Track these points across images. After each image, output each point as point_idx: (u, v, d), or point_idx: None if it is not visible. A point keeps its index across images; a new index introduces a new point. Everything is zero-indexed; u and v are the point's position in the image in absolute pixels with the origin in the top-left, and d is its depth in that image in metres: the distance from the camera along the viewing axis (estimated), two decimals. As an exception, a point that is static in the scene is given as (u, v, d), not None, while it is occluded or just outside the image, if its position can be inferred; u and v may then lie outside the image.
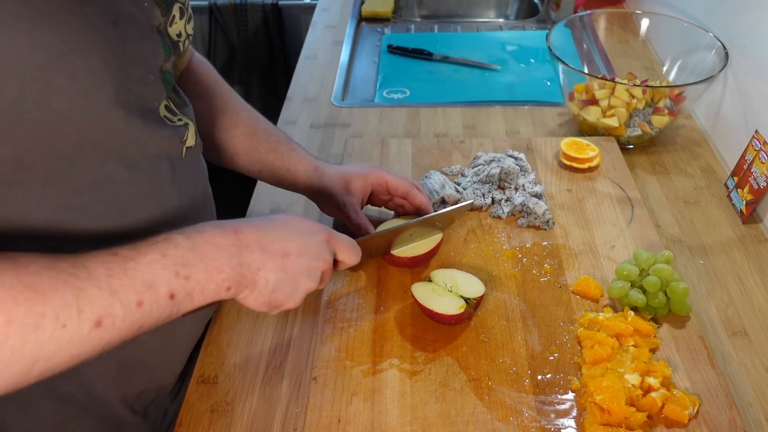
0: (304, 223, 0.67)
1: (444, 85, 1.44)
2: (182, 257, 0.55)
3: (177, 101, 0.71)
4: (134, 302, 0.52)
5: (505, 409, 0.70)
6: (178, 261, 0.55)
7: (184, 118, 0.70)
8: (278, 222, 0.65)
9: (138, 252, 0.54)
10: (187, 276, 0.55)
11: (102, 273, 0.51)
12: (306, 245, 0.65)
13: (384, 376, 0.74)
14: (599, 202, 1.00)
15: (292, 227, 0.65)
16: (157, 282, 0.53)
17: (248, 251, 0.60)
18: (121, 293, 0.51)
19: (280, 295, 0.63)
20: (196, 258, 0.56)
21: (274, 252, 0.62)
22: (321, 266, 0.66)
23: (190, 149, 0.71)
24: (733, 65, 1.13)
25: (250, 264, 0.60)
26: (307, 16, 2.00)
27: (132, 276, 0.52)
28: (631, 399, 0.69)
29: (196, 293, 0.56)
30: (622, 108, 1.14)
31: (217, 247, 0.58)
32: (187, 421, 0.74)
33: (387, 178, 0.88)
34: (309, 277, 0.65)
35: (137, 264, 0.53)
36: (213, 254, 0.58)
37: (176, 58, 0.68)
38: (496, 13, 1.90)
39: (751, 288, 0.90)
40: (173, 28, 0.66)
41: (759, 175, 0.98)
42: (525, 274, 0.87)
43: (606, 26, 1.52)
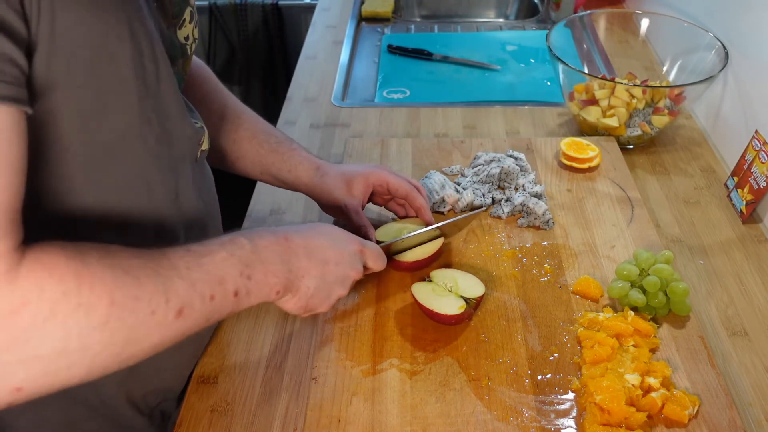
0: (341, 234, 0.71)
1: (444, 85, 1.44)
2: (247, 258, 0.59)
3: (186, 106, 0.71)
4: (208, 295, 0.55)
5: (505, 409, 0.70)
6: (243, 261, 0.58)
7: (200, 122, 0.71)
8: (319, 230, 0.69)
9: (209, 250, 0.57)
10: (249, 276, 0.59)
11: (183, 265, 0.53)
12: (342, 255, 0.69)
13: (384, 376, 0.74)
14: (599, 202, 1.00)
15: (331, 236, 0.69)
16: (226, 279, 0.57)
17: (297, 258, 0.64)
18: (198, 286, 0.54)
19: (316, 300, 0.67)
20: (257, 260, 0.60)
21: (317, 260, 0.66)
22: (354, 275, 0.71)
23: (204, 152, 0.72)
24: (733, 65, 1.13)
25: (297, 270, 0.64)
26: (307, 16, 2.00)
27: (207, 271, 0.55)
28: (631, 399, 0.69)
29: (254, 293, 0.60)
30: (622, 108, 1.14)
31: (274, 252, 0.62)
32: (187, 421, 0.74)
33: (388, 179, 0.88)
34: (342, 285, 0.70)
35: (211, 260, 0.56)
36: (271, 258, 0.62)
37: (184, 60, 0.68)
38: (496, 13, 1.90)
39: (751, 288, 0.90)
40: (182, 31, 0.67)
41: (759, 175, 0.98)
42: (525, 274, 0.87)
43: (606, 26, 1.52)
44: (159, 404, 0.78)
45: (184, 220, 0.69)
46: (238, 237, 0.60)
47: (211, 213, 0.76)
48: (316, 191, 0.88)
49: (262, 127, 0.89)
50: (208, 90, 0.86)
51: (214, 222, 0.79)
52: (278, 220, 1.03)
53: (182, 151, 0.66)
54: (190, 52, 0.70)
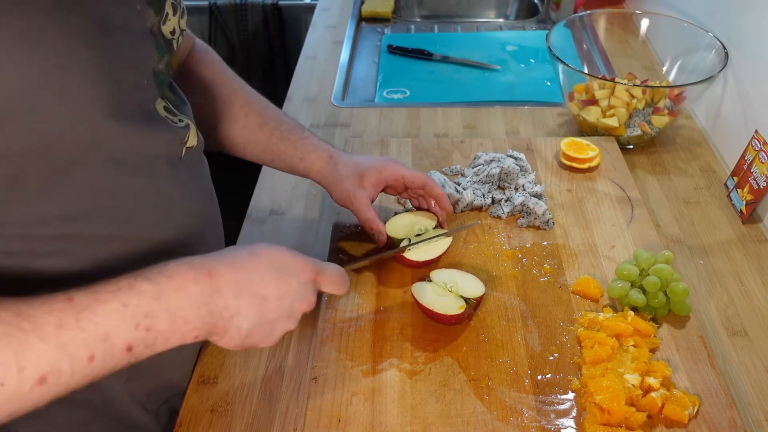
0: (290, 259, 0.61)
1: (444, 85, 1.44)
2: (146, 307, 0.51)
3: (174, 100, 0.70)
4: (85, 357, 0.48)
5: (505, 409, 0.70)
6: (140, 311, 0.51)
7: (185, 119, 0.69)
8: (261, 260, 0.60)
9: (96, 299, 0.50)
10: (148, 327, 0.51)
11: (50, 323, 0.47)
12: (288, 287, 0.60)
13: (384, 376, 0.74)
14: (599, 202, 1.00)
15: (276, 265, 0.60)
16: (113, 335, 0.49)
17: (220, 297, 0.56)
18: (70, 347, 0.47)
19: (254, 338, 0.59)
20: (161, 308, 0.52)
21: (251, 296, 0.57)
22: (303, 308, 0.62)
23: (190, 149, 0.70)
24: (733, 65, 1.13)
25: (221, 312, 0.56)
26: (307, 16, 2.01)
27: (85, 327, 0.48)
28: (631, 399, 0.69)
29: (158, 343, 0.53)
30: (622, 108, 1.14)
31: (187, 294, 0.54)
32: (187, 421, 0.74)
33: (403, 173, 0.86)
34: (288, 320, 0.61)
35: (92, 314, 0.49)
36: (181, 303, 0.53)
37: (170, 57, 0.67)
38: (496, 13, 1.90)
39: (751, 288, 0.90)
40: (167, 26, 0.65)
41: (759, 175, 0.98)
42: (525, 274, 0.87)
43: (606, 26, 1.52)
44: (166, 401, 0.78)
45: (170, 221, 0.67)
46: (139, 281, 0.52)
47: (205, 210, 0.75)
48: (328, 180, 0.86)
49: (272, 112, 0.87)
50: (213, 74, 0.85)
51: (210, 218, 0.77)
52: (278, 220, 1.03)
53: (158, 152, 0.64)
54: (176, 46, 0.68)
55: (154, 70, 0.63)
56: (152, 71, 0.62)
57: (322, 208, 1.05)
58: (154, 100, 0.63)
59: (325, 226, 1.01)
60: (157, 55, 0.63)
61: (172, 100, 0.69)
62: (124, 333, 0.50)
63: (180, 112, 0.69)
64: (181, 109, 0.70)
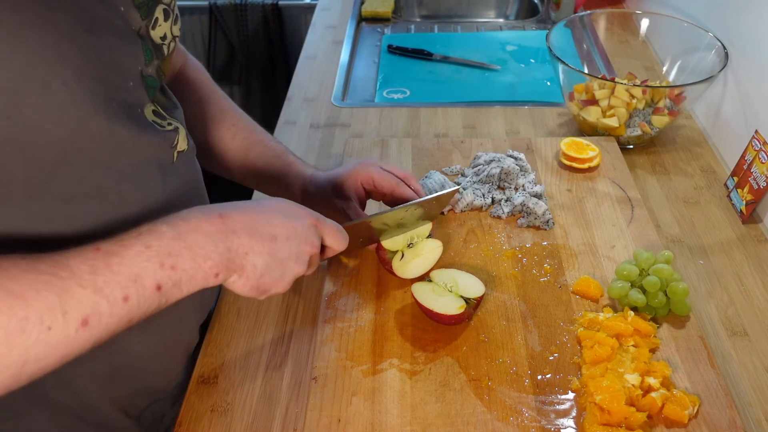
0: (293, 207, 0.66)
1: (444, 85, 1.44)
2: (167, 247, 0.54)
3: (166, 104, 0.69)
4: (120, 297, 0.51)
5: (505, 409, 0.70)
6: (163, 251, 0.54)
7: (174, 122, 0.69)
8: (266, 206, 0.64)
9: (122, 245, 0.53)
10: (173, 266, 0.54)
11: (85, 270, 0.50)
12: (294, 229, 0.64)
13: (384, 376, 0.74)
14: (599, 202, 1.00)
15: (281, 211, 0.64)
16: (142, 275, 0.53)
17: (235, 236, 0.59)
18: (106, 290, 0.50)
19: (268, 279, 0.62)
20: (181, 247, 0.55)
21: (261, 236, 0.61)
22: (309, 250, 0.65)
23: (182, 153, 0.70)
24: (733, 65, 1.13)
25: (237, 249, 0.59)
26: (307, 16, 2.01)
27: (116, 271, 0.51)
28: (631, 399, 0.69)
29: (183, 282, 0.56)
30: (622, 108, 1.14)
31: (204, 233, 0.57)
32: (187, 421, 0.74)
33: (374, 176, 0.85)
34: (297, 261, 0.64)
35: (121, 258, 0.52)
36: (199, 241, 0.57)
37: (160, 61, 0.66)
38: (496, 13, 1.90)
39: (751, 288, 0.90)
40: (156, 31, 0.65)
41: (759, 175, 0.98)
42: (525, 274, 0.87)
43: (606, 26, 1.52)
44: (149, 406, 0.78)
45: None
46: (157, 225, 0.56)
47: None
48: (310, 199, 0.87)
49: (258, 136, 0.89)
50: (204, 94, 0.87)
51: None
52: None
53: (147, 156, 0.64)
54: (167, 51, 0.68)
55: (142, 73, 0.62)
56: (140, 74, 0.62)
57: (322, 208, 1.05)
58: (143, 104, 0.63)
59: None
60: (144, 58, 0.62)
61: (163, 104, 0.69)
62: (152, 272, 0.53)
63: (170, 116, 0.68)
64: (171, 113, 0.69)
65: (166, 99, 0.71)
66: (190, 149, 0.73)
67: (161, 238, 0.55)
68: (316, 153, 1.18)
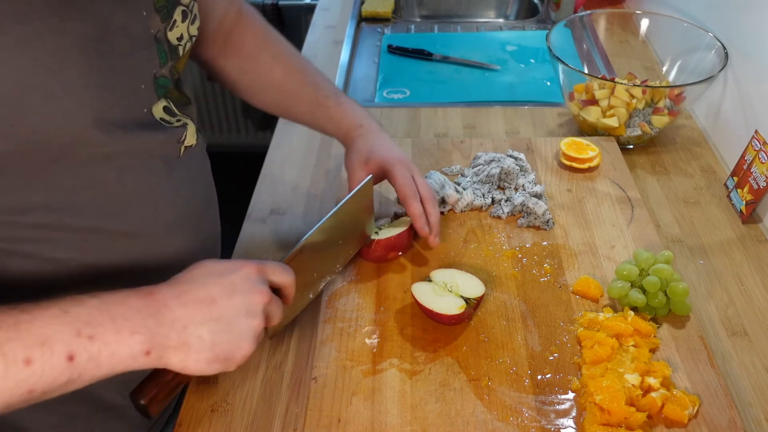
0: (224, 264, 0.60)
1: (444, 85, 1.44)
2: (87, 315, 0.50)
3: (179, 100, 0.70)
4: (21, 359, 0.46)
5: (505, 409, 0.70)
6: (81, 318, 0.50)
7: (183, 118, 0.69)
8: (195, 272, 0.59)
9: (38, 306, 0.49)
10: (91, 336, 0.49)
11: None
12: (232, 283, 0.58)
13: (384, 376, 0.74)
14: (599, 202, 1.00)
15: (211, 270, 0.59)
16: (52, 339, 0.48)
17: (167, 309, 0.54)
18: (5, 347, 0.46)
19: (225, 346, 0.56)
20: (105, 318, 0.51)
21: (198, 303, 0.56)
22: (259, 299, 0.59)
23: (189, 148, 0.71)
24: (733, 65, 1.13)
25: (172, 323, 0.54)
26: (307, 16, 2.00)
27: (24, 330, 0.47)
28: (631, 399, 0.69)
29: (103, 357, 0.50)
30: (622, 108, 1.14)
31: (130, 307, 0.52)
32: (187, 421, 0.74)
33: (396, 176, 0.84)
34: (249, 315, 0.58)
35: (32, 317, 0.48)
36: (126, 314, 0.52)
37: (174, 62, 0.67)
38: (496, 13, 1.90)
39: (751, 288, 0.90)
40: (173, 32, 0.66)
41: (759, 175, 0.98)
42: (525, 274, 0.87)
43: (606, 26, 1.52)
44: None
45: (159, 218, 0.68)
46: (82, 296, 0.51)
47: (199, 209, 0.75)
48: (347, 144, 0.89)
49: (311, 79, 0.90)
50: (258, 41, 0.89)
51: (204, 218, 0.78)
52: (278, 220, 1.03)
53: (150, 151, 0.64)
54: (183, 51, 0.69)
55: (155, 75, 0.63)
56: (152, 76, 0.63)
57: (321, 208, 1.05)
58: (151, 104, 0.64)
59: (325, 226, 1.01)
60: (158, 60, 0.63)
61: (177, 100, 0.70)
62: (65, 338, 0.48)
63: (181, 112, 0.69)
64: (183, 109, 0.70)
65: (180, 95, 0.72)
66: (199, 144, 0.73)
67: (81, 305, 0.50)
68: (316, 153, 1.18)
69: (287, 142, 1.20)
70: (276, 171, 1.14)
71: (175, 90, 0.70)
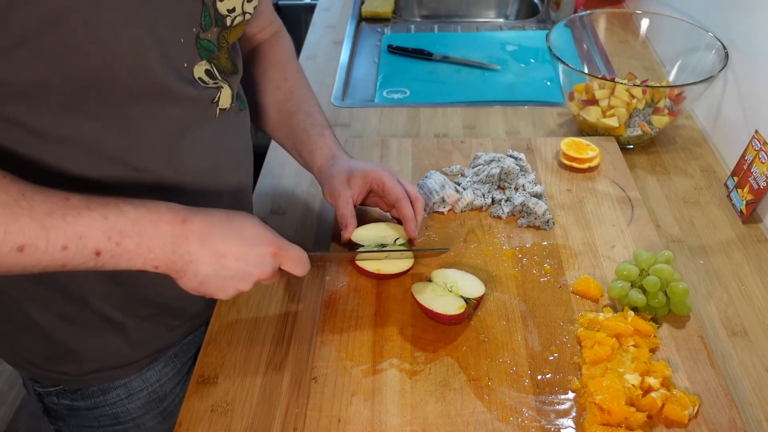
0: (257, 232, 0.68)
1: (444, 85, 1.44)
2: (122, 225, 0.60)
3: (226, 68, 0.75)
4: (60, 244, 0.57)
5: (505, 409, 0.70)
6: (116, 227, 0.59)
7: (221, 83, 0.74)
8: (232, 224, 0.67)
9: (86, 206, 0.58)
10: (118, 242, 0.60)
11: (43, 209, 0.56)
12: (246, 254, 0.66)
13: (384, 376, 0.74)
14: (599, 202, 1.00)
15: (243, 234, 0.67)
16: (87, 236, 0.58)
17: (186, 242, 0.63)
18: (51, 232, 0.56)
19: (209, 287, 0.66)
20: (134, 232, 0.60)
21: (212, 249, 0.64)
22: (257, 275, 0.68)
23: (224, 111, 0.76)
24: (733, 65, 1.13)
25: (183, 255, 0.63)
26: (307, 16, 2.00)
27: (68, 222, 0.57)
28: (631, 399, 0.69)
29: (123, 259, 0.61)
30: (622, 108, 1.14)
31: (158, 230, 0.62)
32: (187, 421, 0.74)
33: (385, 180, 0.86)
34: (242, 281, 0.67)
35: (78, 215, 0.58)
36: (151, 235, 0.61)
37: (220, 30, 0.71)
38: (496, 13, 1.90)
39: (751, 288, 0.90)
40: (225, 2, 0.70)
41: (759, 175, 0.98)
42: (525, 274, 0.87)
43: (606, 26, 1.52)
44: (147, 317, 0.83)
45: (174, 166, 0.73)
46: (127, 204, 0.61)
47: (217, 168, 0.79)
48: (322, 176, 0.89)
49: (306, 107, 0.93)
50: (275, 61, 0.93)
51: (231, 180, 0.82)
52: (278, 220, 1.03)
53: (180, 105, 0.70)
54: (231, 23, 0.73)
55: (197, 35, 0.68)
56: (194, 36, 0.67)
57: (321, 208, 1.05)
58: (193, 62, 0.69)
59: (324, 226, 1.01)
60: (201, 21, 0.68)
61: (223, 67, 0.74)
62: (97, 238, 0.59)
63: (222, 78, 0.74)
64: (226, 76, 0.75)
65: (231, 64, 0.76)
66: (234, 110, 0.78)
67: (122, 216, 0.60)
68: (316, 153, 1.18)
69: (287, 142, 1.21)
70: (276, 171, 1.14)
71: (225, 58, 0.75)
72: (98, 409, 0.87)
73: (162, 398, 0.91)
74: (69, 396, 0.86)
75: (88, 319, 0.79)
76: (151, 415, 0.91)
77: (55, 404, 0.88)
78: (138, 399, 0.88)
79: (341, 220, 0.85)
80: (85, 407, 0.87)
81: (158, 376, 0.89)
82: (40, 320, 0.78)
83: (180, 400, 0.93)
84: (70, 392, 0.86)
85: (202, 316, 0.90)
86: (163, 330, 0.86)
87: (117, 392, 0.86)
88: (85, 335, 0.80)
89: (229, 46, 0.76)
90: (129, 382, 0.86)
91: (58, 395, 0.86)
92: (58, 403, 0.87)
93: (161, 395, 0.91)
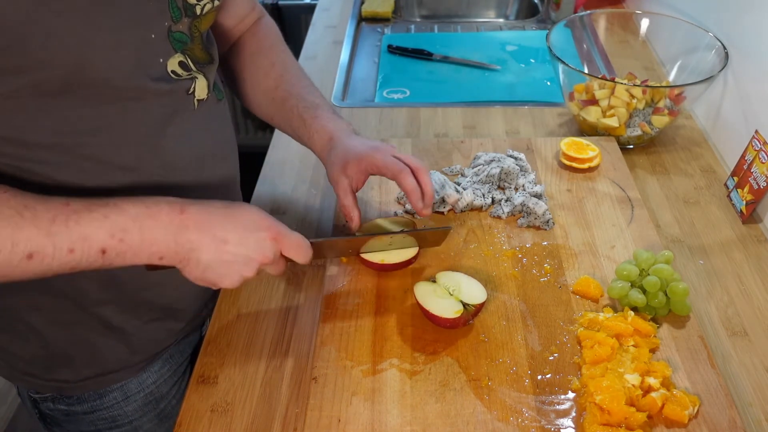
0: (255, 218, 0.69)
1: (444, 85, 1.44)
2: (123, 222, 0.61)
3: (202, 58, 0.75)
4: (66, 248, 0.59)
5: (505, 409, 0.70)
6: (118, 225, 0.61)
7: (196, 73, 0.74)
8: (231, 212, 0.68)
9: (87, 208, 0.60)
10: (121, 239, 0.61)
11: (46, 217, 0.58)
12: (246, 240, 0.67)
13: (384, 376, 0.74)
14: (599, 202, 1.00)
15: (241, 220, 0.68)
16: (91, 238, 0.60)
17: (186, 231, 0.64)
18: (56, 238, 0.59)
19: (212, 275, 0.67)
20: (135, 227, 0.62)
21: (212, 236, 0.66)
22: (259, 260, 0.68)
23: (202, 102, 0.76)
24: (733, 65, 1.13)
25: (184, 243, 0.64)
26: (307, 16, 2.00)
27: (71, 227, 0.59)
28: (631, 399, 0.69)
29: (128, 255, 0.63)
30: (622, 108, 1.14)
31: (158, 222, 0.63)
32: (187, 421, 0.74)
33: (378, 164, 0.83)
34: (245, 266, 0.68)
35: (80, 219, 0.60)
36: (152, 227, 0.63)
37: (191, 20, 0.71)
38: (496, 13, 1.90)
39: (751, 288, 0.90)
40: None
41: (759, 175, 0.98)
42: (525, 274, 0.87)
43: (606, 26, 1.52)
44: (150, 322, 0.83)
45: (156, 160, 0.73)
46: (126, 203, 0.62)
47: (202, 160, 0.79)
48: (324, 161, 0.88)
49: (296, 90, 0.91)
50: (259, 48, 0.92)
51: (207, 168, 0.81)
52: (278, 220, 1.02)
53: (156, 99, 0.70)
54: (201, 11, 0.72)
55: (169, 29, 0.68)
56: (166, 29, 0.68)
57: (322, 208, 1.05)
58: (167, 56, 0.69)
59: (324, 227, 1.01)
60: (171, 15, 0.68)
61: (198, 58, 0.74)
62: (101, 238, 0.61)
63: (198, 69, 0.74)
64: (201, 67, 0.75)
65: (206, 54, 0.76)
66: (211, 100, 0.78)
67: (122, 214, 0.62)
68: (316, 153, 1.18)
69: (287, 142, 1.20)
70: (276, 171, 1.14)
71: (200, 48, 0.74)
72: (95, 413, 0.87)
73: (159, 399, 0.91)
74: (65, 401, 0.86)
75: (86, 324, 0.79)
76: (149, 417, 0.91)
77: (51, 410, 0.87)
78: (135, 401, 0.88)
79: (344, 210, 0.84)
80: (81, 411, 0.86)
81: (155, 378, 0.89)
82: (37, 326, 0.78)
83: (177, 401, 0.93)
84: (65, 397, 0.85)
85: (199, 316, 0.90)
86: (163, 333, 0.86)
87: (113, 395, 0.86)
88: (83, 340, 0.80)
89: (203, 35, 0.75)
90: (125, 385, 0.86)
91: (54, 401, 0.86)
92: (54, 409, 0.87)
93: (158, 396, 0.90)
